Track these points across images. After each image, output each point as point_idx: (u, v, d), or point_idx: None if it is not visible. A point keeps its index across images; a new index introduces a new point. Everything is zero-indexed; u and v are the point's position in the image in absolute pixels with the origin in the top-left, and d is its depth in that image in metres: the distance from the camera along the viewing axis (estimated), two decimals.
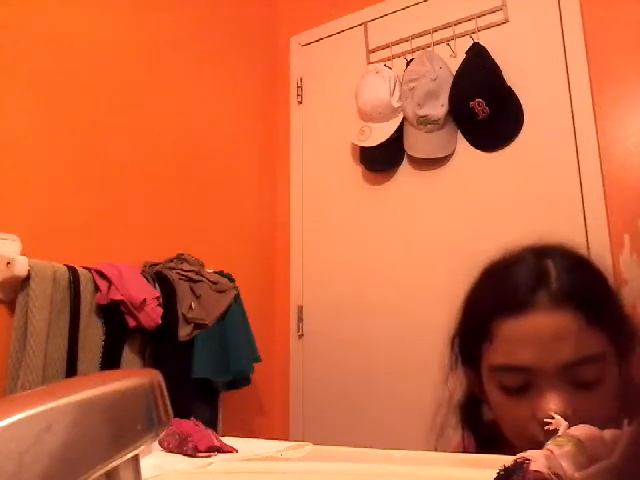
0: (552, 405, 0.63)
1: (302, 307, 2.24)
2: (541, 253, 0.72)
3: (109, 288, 1.46)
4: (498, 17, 1.99)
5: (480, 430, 0.77)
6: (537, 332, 0.64)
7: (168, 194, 1.88)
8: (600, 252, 1.64)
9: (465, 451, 0.78)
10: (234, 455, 0.67)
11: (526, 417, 0.65)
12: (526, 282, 0.67)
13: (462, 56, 1.97)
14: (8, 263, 1.33)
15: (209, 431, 0.74)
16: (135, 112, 1.82)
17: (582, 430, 0.45)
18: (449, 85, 1.96)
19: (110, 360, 1.44)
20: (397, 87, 2.07)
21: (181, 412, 0.58)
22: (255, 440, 0.73)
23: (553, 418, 0.49)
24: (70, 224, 1.57)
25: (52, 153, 1.57)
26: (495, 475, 0.39)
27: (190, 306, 1.65)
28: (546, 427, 0.48)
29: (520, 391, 0.66)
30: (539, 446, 0.60)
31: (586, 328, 0.64)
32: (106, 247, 1.63)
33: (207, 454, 0.67)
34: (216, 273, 1.82)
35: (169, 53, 1.98)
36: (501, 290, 0.70)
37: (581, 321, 0.64)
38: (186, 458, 0.63)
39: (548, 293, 0.65)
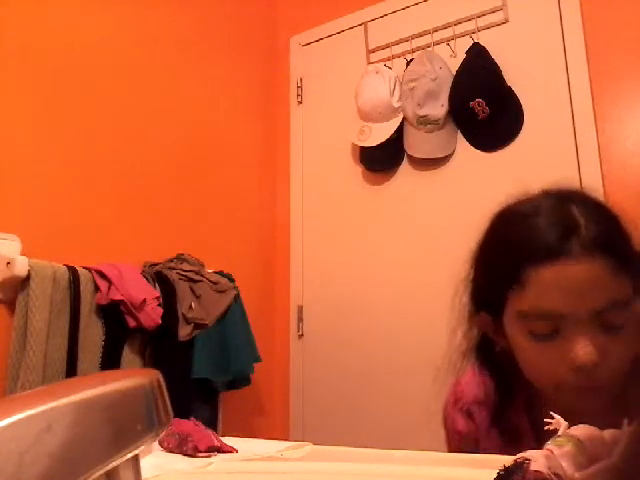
0: (582, 350, 0.65)
1: (302, 307, 2.24)
2: (563, 199, 0.74)
3: (109, 288, 1.46)
4: (498, 17, 1.99)
5: (495, 370, 0.79)
6: (570, 279, 0.66)
7: (168, 194, 1.88)
8: None
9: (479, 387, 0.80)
10: (234, 455, 0.67)
11: (556, 362, 0.67)
12: (556, 230, 0.69)
13: (462, 56, 1.97)
14: (8, 263, 1.33)
15: (209, 431, 0.74)
16: (135, 112, 1.82)
17: (582, 430, 0.45)
18: (449, 85, 1.96)
19: (110, 360, 1.44)
20: (397, 87, 2.07)
21: (181, 412, 0.58)
22: (255, 440, 0.73)
23: (553, 419, 0.49)
24: (70, 224, 1.57)
25: (52, 153, 1.57)
26: (495, 475, 0.39)
27: (190, 306, 1.65)
28: (546, 427, 0.48)
29: (550, 336, 0.67)
30: (566, 390, 0.66)
31: (616, 275, 0.66)
32: (106, 247, 1.63)
33: (207, 454, 0.67)
34: (216, 273, 1.82)
35: (169, 53, 1.98)
36: (531, 237, 0.70)
37: (611, 268, 0.66)
38: (186, 458, 0.63)
39: (579, 241, 0.67)
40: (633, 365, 0.72)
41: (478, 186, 1.93)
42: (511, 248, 0.73)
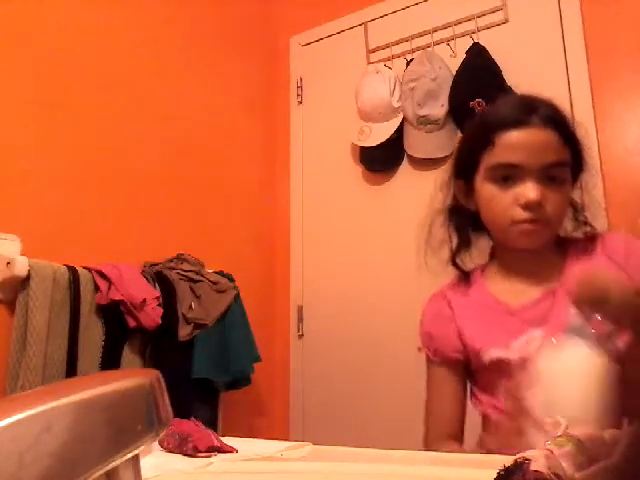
0: (531, 191, 0.88)
1: (302, 307, 2.24)
2: (528, 96, 0.98)
3: (109, 288, 1.46)
4: (498, 17, 1.99)
5: (460, 224, 1.05)
6: (530, 141, 0.90)
7: (168, 194, 1.88)
8: None
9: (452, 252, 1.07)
10: (234, 455, 0.67)
11: (510, 201, 0.90)
12: (521, 107, 0.94)
13: (462, 56, 1.97)
14: (8, 263, 1.33)
15: (209, 431, 0.74)
16: (135, 112, 1.82)
17: (582, 430, 0.45)
18: (449, 85, 1.95)
19: (110, 360, 1.44)
20: (397, 87, 2.07)
21: (181, 412, 0.58)
22: (255, 440, 0.73)
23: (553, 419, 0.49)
24: (70, 224, 1.57)
25: (52, 153, 1.57)
26: (495, 475, 0.39)
27: (190, 306, 1.65)
28: (546, 427, 0.48)
29: (508, 183, 0.91)
30: (517, 226, 0.91)
31: (562, 143, 0.92)
32: (106, 247, 1.63)
33: (207, 454, 0.67)
34: (216, 273, 1.82)
35: (169, 53, 1.98)
36: (501, 112, 0.96)
37: (559, 138, 0.91)
38: (186, 458, 0.63)
39: (538, 116, 0.92)
40: (633, 366, 0.75)
41: None
42: (485, 121, 0.98)
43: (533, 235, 0.92)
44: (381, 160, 2.11)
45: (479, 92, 1.87)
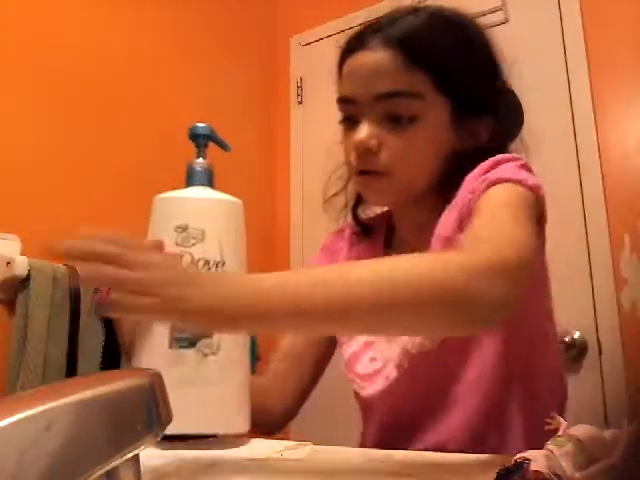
0: (361, 133, 0.72)
1: None
2: (417, 9, 0.81)
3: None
4: (498, 17, 1.99)
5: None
6: (360, 67, 0.74)
7: None
8: (600, 252, 1.64)
9: None
10: (235, 455, 0.66)
11: (350, 146, 0.76)
12: (369, 27, 0.78)
13: None
14: (8, 263, 1.33)
15: None
16: (135, 112, 1.82)
17: (582, 430, 0.45)
18: None
19: (110, 360, 1.44)
20: None
21: None
22: (255, 440, 0.73)
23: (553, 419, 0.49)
24: (70, 224, 1.57)
25: (52, 153, 1.57)
26: (495, 475, 0.39)
27: None
28: (546, 427, 0.48)
29: (348, 123, 0.77)
30: (355, 176, 0.78)
31: (406, 68, 0.72)
32: None
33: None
34: None
35: (169, 52, 1.98)
36: (351, 34, 0.80)
37: (402, 61, 0.71)
38: (187, 457, 0.63)
39: (380, 36, 0.74)
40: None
41: None
42: (343, 46, 0.79)
43: (369, 189, 0.78)
44: None
45: None
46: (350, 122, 0.77)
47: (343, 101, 0.78)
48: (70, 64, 1.64)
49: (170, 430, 0.60)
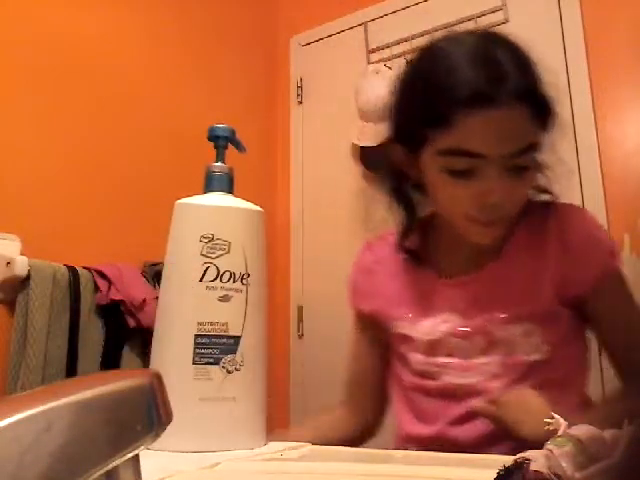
0: (494, 193, 0.71)
1: (302, 307, 2.24)
2: (486, 40, 0.77)
3: (109, 288, 1.46)
4: (498, 17, 1.99)
5: (404, 200, 0.88)
6: (495, 124, 0.70)
7: (168, 194, 1.87)
8: None
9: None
10: (235, 455, 0.66)
11: (468, 198, 0.73)
12: (485, 76, 0.71)
13: None
14: (8, 263, 1.33)
15: None
16: (135, 112, 1.82)
17: (582, 430, 0.45)
18: None
19: (110, 360, 1.44)
20: None
21: None
22: None
23: (554, 418, 0.49)
24: (70, 224, 1.57)
25: (52, 153, 1.57)
26: (495, 475, 0.39)
27: None
28: (546, 427, 0.48)
29: (466, 174, 0.73)
30: (473, 222, 0.76)
31: (533, 121, 0.73)
32: (106, 247, 1.63)
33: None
34: None
35: (169, 52, 1.98)
36: (459, 80, 0.72)
37: (531, 116, 0.72)
38: (189, 458, 0.63)
39: (506, 90, 0.71)
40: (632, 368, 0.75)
41: None
42: (439, 89, 0.74)
43: (487, 236, 0.78)
44: (381, 160, 2.10)
45: None
46: (462, 172, 0.73)
47: (464, 154, 0.72)
48: (70, 63, 1.64)
49: (193, 448, 0.60)
